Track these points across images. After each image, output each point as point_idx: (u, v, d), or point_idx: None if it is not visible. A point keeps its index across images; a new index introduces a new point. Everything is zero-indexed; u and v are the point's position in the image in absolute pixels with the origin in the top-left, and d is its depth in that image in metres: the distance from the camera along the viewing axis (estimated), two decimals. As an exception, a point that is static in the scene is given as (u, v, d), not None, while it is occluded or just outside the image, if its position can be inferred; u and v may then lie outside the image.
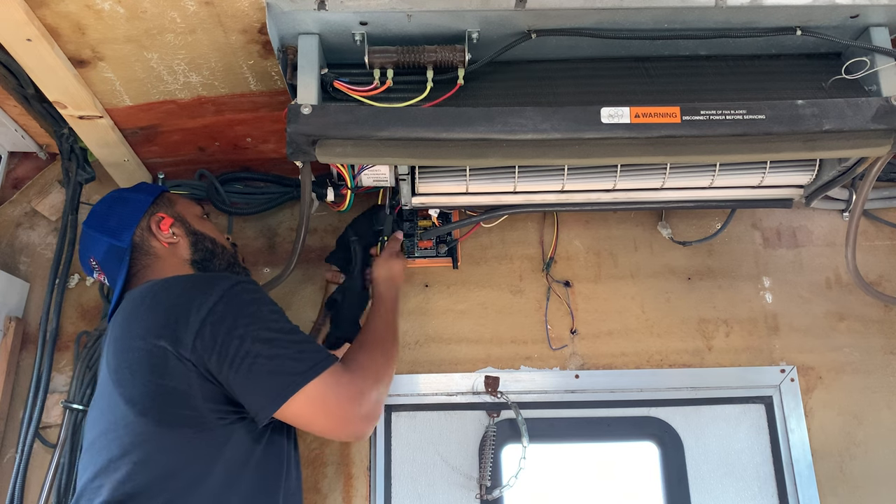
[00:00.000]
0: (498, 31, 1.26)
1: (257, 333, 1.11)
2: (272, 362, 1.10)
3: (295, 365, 1.11)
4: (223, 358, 1.08)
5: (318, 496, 1.59)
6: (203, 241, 1.37)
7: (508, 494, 1.60)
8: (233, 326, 1.10)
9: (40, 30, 1.18)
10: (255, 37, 1.27)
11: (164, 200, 1.39)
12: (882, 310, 1.73)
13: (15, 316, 1.65)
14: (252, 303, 1.15)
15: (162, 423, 1.08)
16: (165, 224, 1.34)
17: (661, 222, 1.76)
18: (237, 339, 1.09)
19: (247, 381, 1.09)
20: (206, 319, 1.09)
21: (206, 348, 1.08)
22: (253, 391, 1.10)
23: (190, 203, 1.44)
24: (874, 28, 1.29)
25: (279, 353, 1.11)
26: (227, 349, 1.08)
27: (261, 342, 1.10)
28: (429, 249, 1.72)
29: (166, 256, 1.33)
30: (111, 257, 1.32)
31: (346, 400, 1.15)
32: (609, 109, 1.21)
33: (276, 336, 1.12)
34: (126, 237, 1.31)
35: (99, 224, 1.34)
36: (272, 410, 1.10)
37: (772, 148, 1.24)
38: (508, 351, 1.68)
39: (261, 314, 1.14)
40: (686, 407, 1.68)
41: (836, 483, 1.60)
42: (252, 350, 1.09)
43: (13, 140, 1.68)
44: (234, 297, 1.13)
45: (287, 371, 1.10)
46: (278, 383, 1.10)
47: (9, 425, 1.60)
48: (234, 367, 1.08)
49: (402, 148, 1.22)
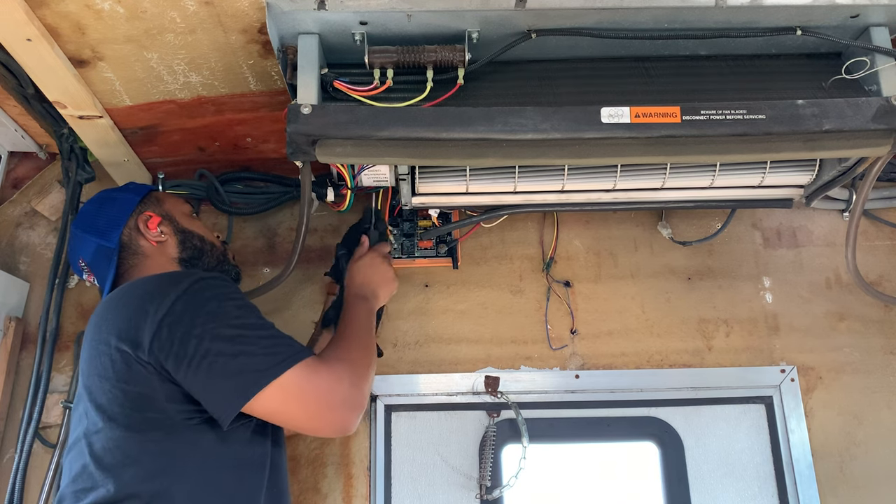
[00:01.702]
0: (498, 31, 1.26)
1: (218, 331, 1.06)
2: (234, 360, 1.05)
3: (262, 360, 1.07)
4: (181, 359, 1.04)
5: (318, 496, 1.59)
6: (191, 239, 1.36)
7: (508, 494, 1.60)
8: (190, 325, 1.06)
9: (40, 30, 1.18)
10: (255, 37, 1.27)
11: (152, 199, 1.39)
12: (882, 310, 1.73)
13: (15, 316, 1.65)
14: (213, 299, 1.10)
15: (130, 428, 1.06)
16: (153, 223, 1.33)
17: (661, 222, 1.76)
18: (195, 339, 1.05)
19: (206, 381, 1.05)
20: (164, 320, 1.06)
21: (163, 349, 1.04)
22: (212, 391, 1.06)
23: (178, 201, 1.43)
24: (874, 28, 1.29)
25: (243, 349, 1.06)
26: (185, 349, 1.04)
27: (221, 340, 1.06)
28: (429, 249, 1.72)
29: (154, 255, 1.32)
30: (100, 258, 1.31)
31: (323, 389, 1.11)
32: (609, 109, 1.21)
33: (239, 333, 1.08)
34: (114, 237, 1.31)
35: (87, 225, 1.34)
36: (234, 410, 1.06)
37: (772, 148, 1.24)
38: (508, 351, 1.68)
39: (222, 311, 1.09)
40: (686, 407, 1.68)
41: (836, 483, 1.60)
42: (211, 349, 1.05)
43: (13, 140, 1.68)
44: (194, 295, 1.09)
45: (252, 368, 1.06)
46: (241, 381, 1.05)
47: (9, 425, 1.60)
48: (191, 368, 1.04)
49: (402, 148, 1.22)
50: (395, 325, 1.69)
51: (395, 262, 1.72)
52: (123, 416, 1.06)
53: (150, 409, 1.06)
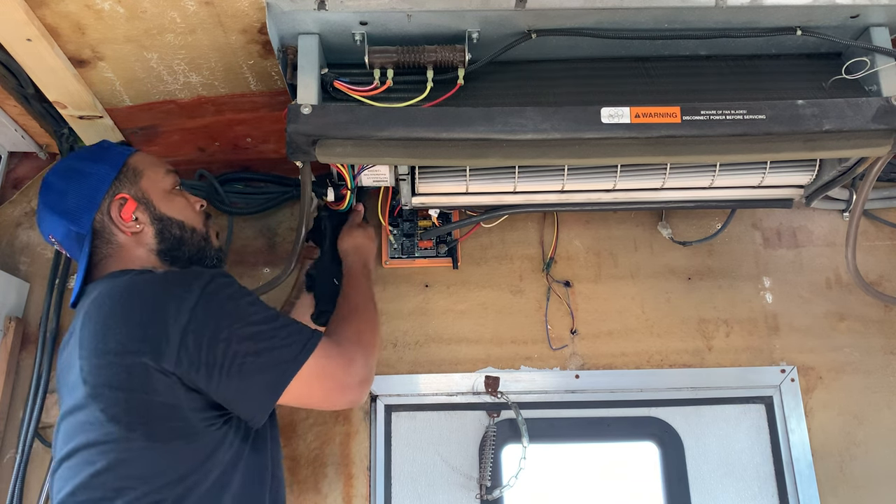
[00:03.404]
0: (498, 31, 1.26)
1: (241, 331, 1.06)
2: (261, 358, 1.06)
3: (284, 352, 1.08)
4: (212, 367, 1.03)
5: (318, 496, 1.59)
6: (170, 228, 1.24)
7: (508, 494, 1.60)
8: (216, 331, 1.04)
9: (40, 30, 1.18)
10: (255, 37, 1.27)
11: (128, 174, 1.24)
12: (882, 310, 1.73)
13: (15, 316, 1.65)
14: (230, 299, 1.09)
15: (152, 437, 1.03)
16: (128, 210, 1.21)
17: (661, 222, 1.76)
18: (223, 343, 1.04)
19: (239, 384, 1.05)
20: (188, 328, 1.03)
21: (193, 359, 1.02)
22: (247, 393, 1.06)
23: (158, 173, 1.28)
24: (874, 28, 1.29)
25: (266, 346, 1.07)
26: (214, 356, 1.03)
27: (246, 340, 1.06)
28: (429, 249, 1.72)
29: (130, 246, 1.22)
30: (71, 240, 1.22)
31: (339, 371, 1.14)
32: (609, 109, 1.21)
33: (258, 329, 1.08)
34: (85, 222, 1.20)
35: (55, 203, 1.21)
36: (270, 406, 1.09)
37: (772, 148, 1.24)
38: (508, 351, 1.68)
39: (240, 309, 1.09)
40: (686, 407, 1.68)
41: (836, 483, 1.60)
42: (239, 350, 1.04)
43: (13, 140, 1.68)
44: (211, 298, 1.07)
45: (278, 361, 1.07)
46: (272, 377, 1.07)
47: (9, 425, 1.60)
48: (223, 374, 1.03)
49: (402, 148, 1.22)
50: (395, 325, 1.69)
51: (394, 262, 1.73)
52: (145, 425, 1.03)
53: (173, 418, 1.04)
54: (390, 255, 1.72)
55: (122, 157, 1.25)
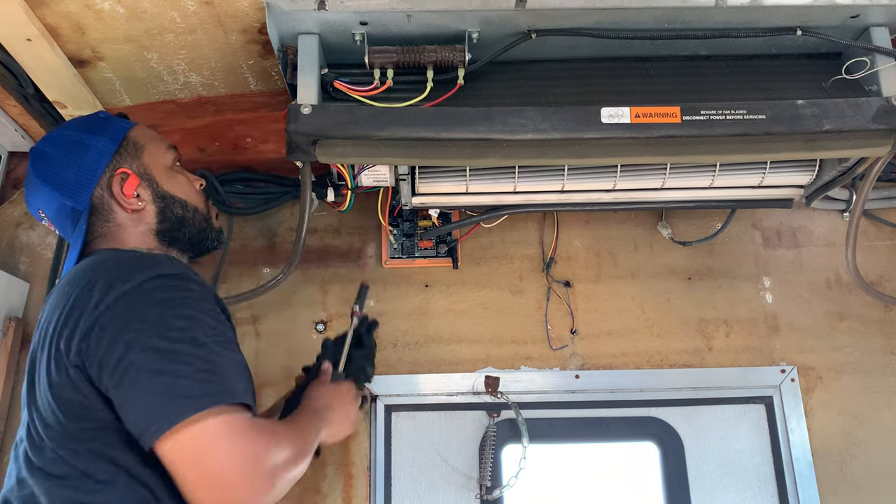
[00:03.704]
0: (498, 31, 1.26)
1: (149, 342, 0.89)
2: (160, 378, 0.88)
3: (191, 386, 0.87)
4: (103, 366, 0.89)
5: (318, 496, 1.59)
6: (172, 207, 1.15)
7: (508, 494, 1.60)
8: (122, 331, 0.90)
9: (40, 30, 1.18)
10: (255, 37, 1.27)
11: (129, 147, 1.14)
12: (882, 310, 1.73)
13: (15, 316, 1.65)
14: (159, 304, 0.93)
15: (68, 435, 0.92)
16: (130, 186, 1.11)
17: (661, 222, 1.76)
18: (121, 346, 0.89)
19: (126, 396, 0.89)
20: (98, 319, 0.91)
21: (91, 354, 0.90)
22: (131, 410, 0.89)
23: (159, 148, 1.19)
24: (874, 28, 1.29)
25: (173, 368, 0.88)
26: (109, 357, 0.89)
27: (151, 352, 0.89)
28: (429, 249, 1.72)
29: (128, 224, 1.12)
30: (64, 216, 1.11)
31: (250, 454, 0.87)
32: (609, 109, 1.21)
33: (174, 347, 0.90)
34: (83, 198, 1.09)
35: (51, 175, 1.11)
36: (151, 437, 0.87)
37: (772, 148, 1.24)
38: (508, 351, 1.68)
39: (163, 319, 0.91)
40: (686, 407, 1.68)
41: (836, 483, 1.60)
42: (136, 361, 0.88)
43: (13, 140, 1.68)
44: (139, 296, 0.93)
45: (178, 392, 0.87)
46: (162, 405, 0.87)
47: (9, 425, 1.60)
48: (113, 379, 0.89)
49: (402, 148, 1.22)
50: (395, 325, 1.69)
51: (394, 262, 1.73)
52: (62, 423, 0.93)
53: (84, 415, 0.92)
54: (390, 255, 1.73)
55: (123, 130, 1.16)
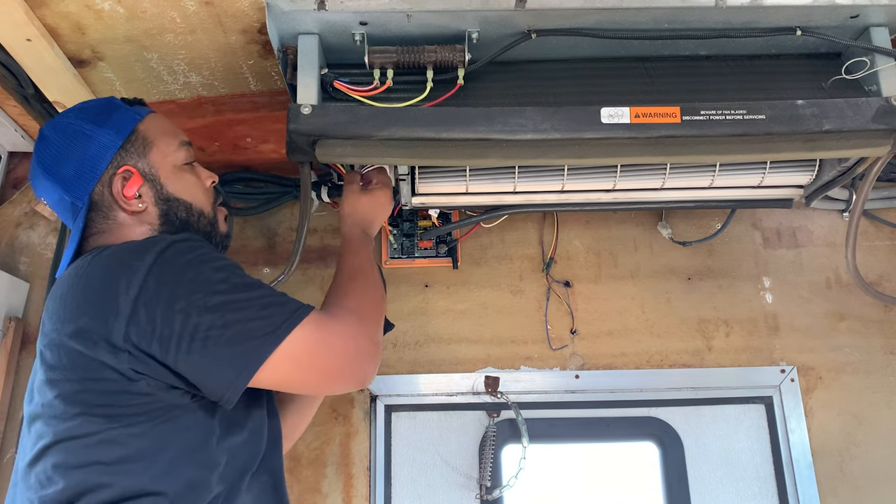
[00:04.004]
0: (498, 31, 1.26)
1: (203, 301, 0.92)
2: (229, 331, 0.92)
3: (259, 325, 0.94)
4: (167, 341, 0.91)
5: (319, 496, 1.59)
6: (175, 210, 1.12)
7: (508, 494, 1.60)
8: (171, 300, 0.91)
9: (40, 30, 1.18)
10: (255, 37, 1.27)
11: (136, 143, 1.11)
12: (882, 310, 1.73)
13: (15, 316, 1.65)
14: (189, 266, 0.95)
15: (113, 420, 0.92)
16: (131, 186, 1.08)
17: (661, 222, 1.76)
18: (180, 315, 0.91)
19: (201, 360, 0.92)
20: (138, 300, 0.91)
21: (144, 334, 0.90)
22: (210, 371, 0.92)
23: (170, 144, 1.15)
24: (874, 28, 1.29)
25: (236, 317, 0.93)
26: (171, 329, 0.91)
27: (210, 311, 0.92)
28: (429, 249, 1.72)
29: (128, 224, 1.09)
30: (63, 208, 1.09)
31: (336, 348, 1.00)
32: (609, 109, 1.21)
33: (227, 299, 0.94)
34: (82, 194, 1.07)
35: (52, 167, 1.08)
36: (238, 389, 0.93)
37: (772, 148, 1.24)
38: (508, 351, 1.68)
39: (202, 277, 0.94)
40: (686, 407, 1.68)
41: (836, 483, 1.60)
42: (201, 323, 0.91)
43: (13, 140, 1.68)
44: (166, 265, 0.94)
45: (251, 335, 0.93)
46: (242, 352, 0.93)
47: (9, 425, 1.60)
48: (182, 349, 0.91)
49: (402, 148, 1.22)
50: (396, 325, 1.68)
51: (394, 262, 1.73)
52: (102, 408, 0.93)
53: (132, 398, 0.93)
54: (390, 255, 1.73)
55: (132, 123, 1.12)
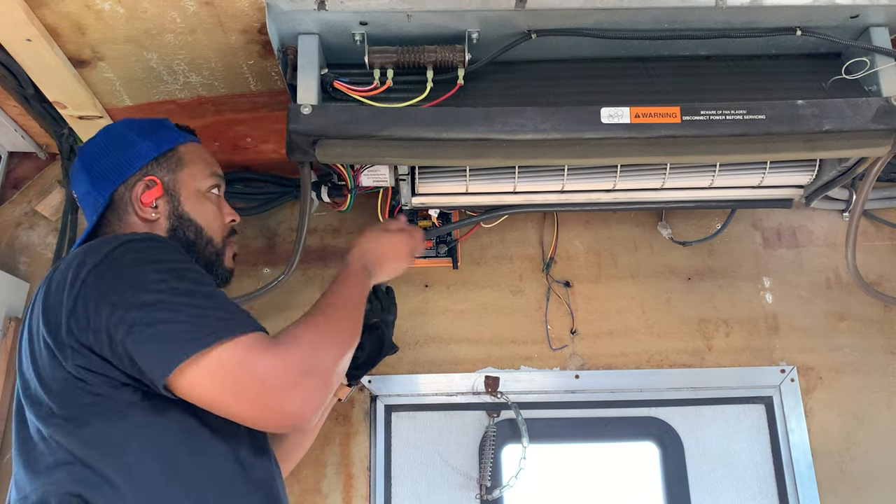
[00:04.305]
0: (498, 31, 1.26)
1: (134, 298, 0.91)
2: (151, 328, 0.90)
3: (187, 329, 0.90)
4: (97, 332, 0.90)
5: (318, 496, 1.59)
6: (185, 229, 1.15)
7: (508, 494, 1.60)
8: (104, 295, 0.91)
9: (40, 30, 1.18)
10: (255, 37, 1.27)
11: (171, 160, 1.17)
12: (882, 310, 1.73)
13: (15, 316, 1.65)
14: (133, 264, 0.94)
15: (70, 420, 0.92)
16: (151, 195, 1.13)
17: (661, 222, 1.76)
18: (107, 308, 0.90)
19: (131, 352, 0.90)
20: (78, 294, 0.92)
21: (81, 328, 0.91)
22: (140, 364, 0.90)
23: (202, 171, 1.19)
24: (874, 28, 1.29)
25: (163, 317, 0.90)
26: (99, 322, 0.90)
27: (137, 308, 0.90)
28: (429, 249, 1.72)
29: (136, 230, 1.12)
30: (88, 201, 1.15)
31: (263, 375, 0.91)
32: (609, 109, 1.21)
33: (159, 299, 0.92)
34: (105, 190, 1.13)
35: (89, 161, 1.16)
36: (159, 383, 0.90)
37: (772, 148, 1.24)
38: (508, 351, 1.68)
39: (140, 277, 0.93)
40: (686, 407, 1.68)
41: (836, 483, 1.60)
42: (126, 318, 0.90)
43: (13, 140, 1.68)
44: (112, 262, 0.94)
45: (173, 338, 0.90)
46: (160, 352, 0.89)
47: (8, 425, 1.60)
48: (113, 340, 0.90)
49: (402, 148, 1.22)
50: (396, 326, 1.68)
51: (395, 262, 1.72)
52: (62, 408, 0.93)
53: (85, 395, 0.92)
54: (420, 238, 1.70)
55: (173, 143, 1.18)
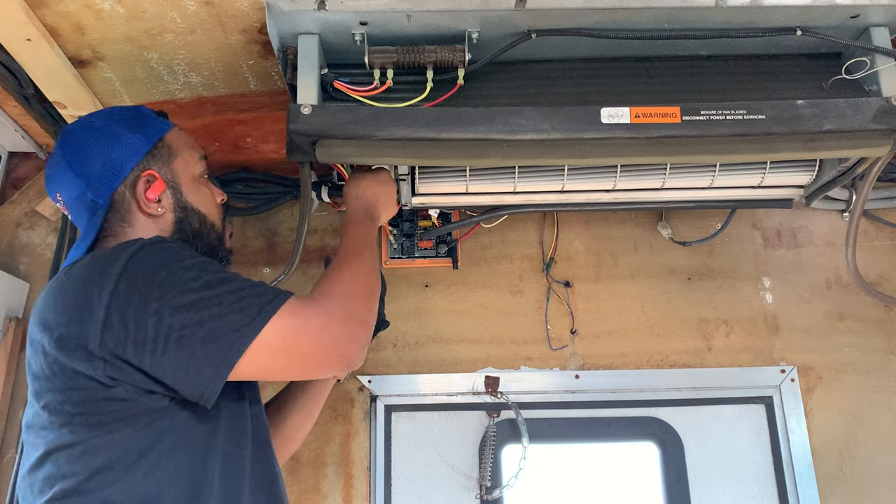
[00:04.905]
0: (498, 31, 1.26)
1: (176, 301, 0.92)
2: (203, 328, 0.92)
3: (234, 319, 0.93)
4: (142, 345, 0.91)
5: (318, 496, 1.59)
6: (190, 219, 1.15)
7: (508, 494, 1.60)
8: (143, 304, 0.91)
9: (40, 30, 1.18)
10: (255, 37, 1.27)
11: (162, 151, 1.14)
12: (882, 310, 1.73)
13: (15, 316, 1.65)
14: (159, 266, 0.95)
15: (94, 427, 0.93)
16: (154, 190, 1.11)
17: (661, 222, 1.76)
18: (153, 318, 0.91)
19: (179, 360, 0.91)
20: (111, 306, 0.91)
21: (119, 340, 0.90)
22: (189, 371, 0.92)
23: (192, 157, 1.19)
24: (874, 28, 1.29)
25: (210, 314, 0.92)
26: (144, 334, 0.91)
27: (183, 310, 0.92)
28: (429, 249, 1.72)
29: (142, 229, 1.10)
30: (81, 206, 1.10)
31: (314, 333, 0.98)
32: (609, 109, 1.21)
33: (199, 296, 0.93)
34: (105, 192, 1.09)
35: (78, 162, 1.09)
36: (217, 386, 0.93)
37: (772, 148, 1.24)
38: (508, 351, 1.68)
39: (173, 277, 0.94)
40: (686, 407, 1.68)
41: (836, 483, 1.60)
42: (174, 323, 0.91)
43: (13, 140, 1.68)
44: (137, 269, 0.94)
45: (226, 329, 0.92)
46: (219, 348, 0.92)
47: (9, 425, 1.60)
48: (157, 351, 0.91)
49: (402, 148, 1.22)
50: (395, 325, 1.69)
51: (394, 262, 1.73)
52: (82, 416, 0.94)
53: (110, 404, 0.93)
54: (390, 255, 1.73)
55: (161, 132, 1.16)
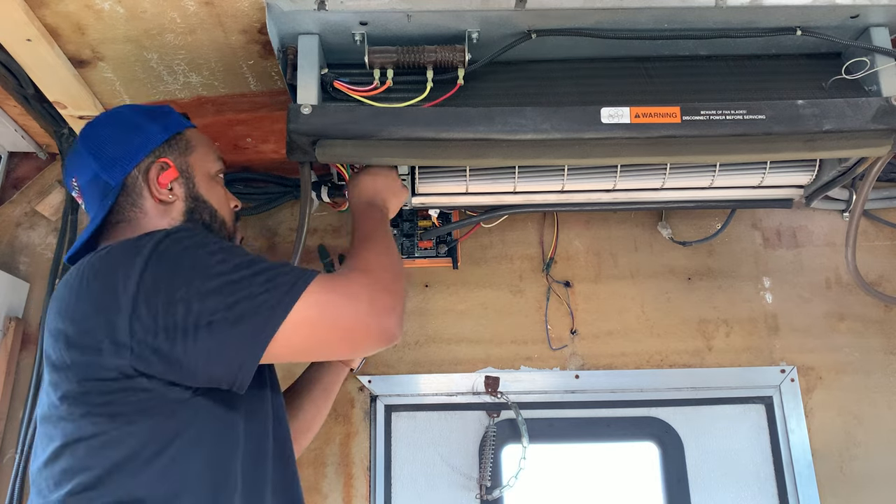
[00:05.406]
0: (498, 31, 1.26)
1: (204, 286, 0.92)
2: (233, 311, 0.91)
3: (264, 299, 0.92)
4: (172, 332, 0.90)
5: (319, 496, 1.59)
6: (201, 211, 1.15)
7: (508, 494, 1.60)
8: (170, 291, 0.91)
9: (40, 30, 1.18)
10: (255, 37, 1.27)
11: (180, 143, 1.16)
12: (882, 310, 1.73)
13: (15, 316, 1.65)
14: (185, 253, 0.95)
15: (115, 417, 0.92)
16: (167, 177, 1.11)
17: (661, 222, 1.76)
18: (181, 304, 0.90)
19: (211, 345, 0.91)
20: (138, 295, 0.91)
21: (148, 329, 0.90)
22: (223, 355, 0.92)
23: (208, 154, 1.20)
24: (874, 28, 1.29)
25: (239, 296, 0.92)
26: (175, 321, 0.90)
27: (212, 295, 0.91)
28: (429, 249, 1.72)
29: (153, 214, 1.11)
30: (94, 188, 1.11)
31: (346, 307, 0.97)
32: (609, 109, 1.21)
33: (226, 280, 0.93)
34: (118, 174, 1.10)
35: (95, 146, 1.12)
36: (251, 368, 0.93)
37: (772, 148, 1.24)
38: (508, 351, 1.68)
39: (200, 262, 0.94)
40: (686, 407, 1.68)
41: (836, 483, 1.60)
42: (204, 309, 0.91)
43: (13, 140, 1.68)
44: (162, 257, 0.94)
45: (258, 311, 0.92)
46: (250, 330, 0.92)
47: (9, 425, 1.60)
48: (189, 338, 0.90)
49: (402, 148, 1.22)
50: (395, 325, 1.69)
51: (395, 262, 1.73)
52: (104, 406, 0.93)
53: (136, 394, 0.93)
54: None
55: (180, 127, 1.18)
